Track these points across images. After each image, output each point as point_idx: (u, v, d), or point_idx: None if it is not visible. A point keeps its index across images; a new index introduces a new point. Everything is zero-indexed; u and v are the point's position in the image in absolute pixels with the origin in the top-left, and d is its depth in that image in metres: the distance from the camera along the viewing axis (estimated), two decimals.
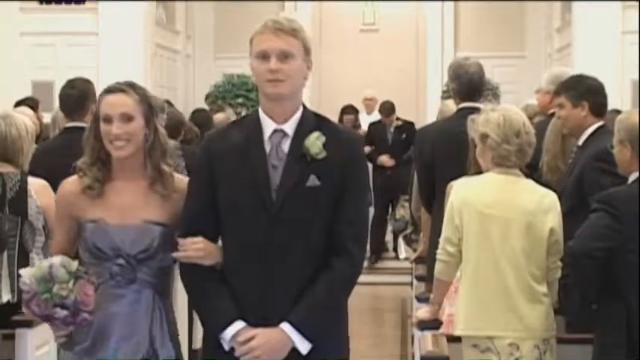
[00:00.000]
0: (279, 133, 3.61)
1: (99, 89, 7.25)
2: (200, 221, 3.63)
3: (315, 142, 3.57)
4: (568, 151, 5.62)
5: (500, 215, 4.50)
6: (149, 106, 3.77)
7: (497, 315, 4.49)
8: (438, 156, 6.01)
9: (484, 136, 4.62)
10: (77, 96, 6.07)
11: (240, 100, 15.99)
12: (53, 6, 15.56)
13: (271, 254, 3.51)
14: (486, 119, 4.64)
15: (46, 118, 8.14)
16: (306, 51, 3.62)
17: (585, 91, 5.35)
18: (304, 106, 3.68)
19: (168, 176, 3.78)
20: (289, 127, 3.61)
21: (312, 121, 3.64)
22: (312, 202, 3.54)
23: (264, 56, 3.55)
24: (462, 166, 5.12)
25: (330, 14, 19.48)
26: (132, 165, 3.77)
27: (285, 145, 3.60)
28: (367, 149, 12.92)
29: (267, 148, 3.59)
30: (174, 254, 3.64)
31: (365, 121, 14.47)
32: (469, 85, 6.08)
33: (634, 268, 4.16)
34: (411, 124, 13.57)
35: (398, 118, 13.61)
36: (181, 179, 3.83)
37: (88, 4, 15.36)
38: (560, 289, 4.45)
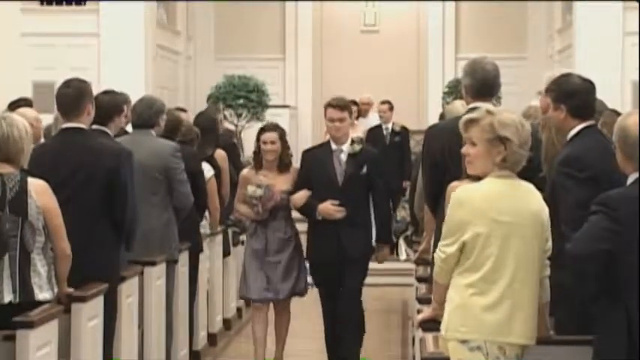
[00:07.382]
0: None
1: (100, 90, 7.29)
2: None
3: None
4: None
5: (517, 222, 4.43)
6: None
7: (524, 322, 4.43)
8: (447, 156, 5.95)
9: (503, 139, 4.48)
10: (73, 95, 6.06)
11: (241, 101, 15.95)
12: (54, 7, 15.59)
13: None
14: (503, 122, 4.54)
15: (47, 118, 8.15)
16: None
17: (563, 94, 5.20)
18: None
19: None
20: None
21: None
22: None
23: None
24: None
25: (331, 15, 19.49)
26: None
27: None
28: (301, 196, 7.74)
29: None
30: None
31: (363, 125, 14.22)
32: (483, 82, 5.97)
33: (634, 269, 4.15)
34: (375, 153, 8.10)
35: (353, 141, 7.77)
36: None
37: (88, 5, 15.40)
38: (557, 292, 4.42)
